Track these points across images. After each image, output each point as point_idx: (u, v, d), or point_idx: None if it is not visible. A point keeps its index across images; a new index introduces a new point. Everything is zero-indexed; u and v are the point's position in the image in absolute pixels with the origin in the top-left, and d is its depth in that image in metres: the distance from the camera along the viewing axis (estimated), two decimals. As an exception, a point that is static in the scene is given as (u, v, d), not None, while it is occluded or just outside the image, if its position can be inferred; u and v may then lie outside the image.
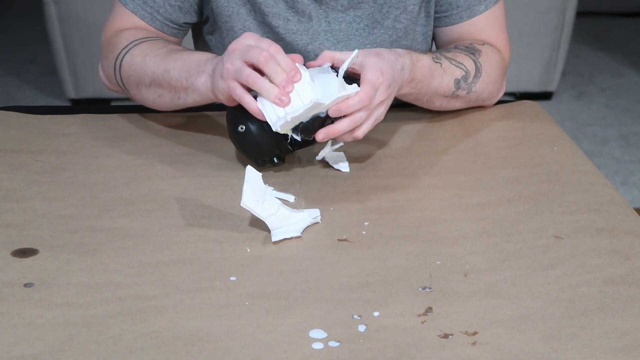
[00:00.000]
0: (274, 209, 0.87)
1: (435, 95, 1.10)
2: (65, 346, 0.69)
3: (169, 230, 0.88)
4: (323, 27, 1.15)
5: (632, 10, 4.39)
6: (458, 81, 1.11)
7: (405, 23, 1.17)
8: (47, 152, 1.06)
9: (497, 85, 1.19)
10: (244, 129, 0.96)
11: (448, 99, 1.13)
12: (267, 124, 0.93)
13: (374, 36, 1.17)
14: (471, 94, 1.14)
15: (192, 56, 1.03)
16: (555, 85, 3.17)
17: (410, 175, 1.01)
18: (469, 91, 1.13)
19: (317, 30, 1.15)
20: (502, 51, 1.21)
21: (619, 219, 0.91)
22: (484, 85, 1.15)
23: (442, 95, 1.12)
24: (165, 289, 0.78)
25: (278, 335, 0.71)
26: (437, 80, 1.08)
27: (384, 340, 0.70)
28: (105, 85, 1.21)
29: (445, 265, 0.82)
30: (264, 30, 1.16)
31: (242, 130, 0.96)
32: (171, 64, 1.04)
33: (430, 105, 1.14)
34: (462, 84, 1.12)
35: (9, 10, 4.43)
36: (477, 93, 1.15)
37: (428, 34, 1.24)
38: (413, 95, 1.08)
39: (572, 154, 1.08)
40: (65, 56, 2.89)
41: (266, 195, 0.88)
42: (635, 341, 0.71)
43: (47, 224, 0.89)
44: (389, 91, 0.96)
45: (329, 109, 0.91)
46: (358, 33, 1.17)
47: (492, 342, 0.70)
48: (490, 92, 1.18)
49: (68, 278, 0.79)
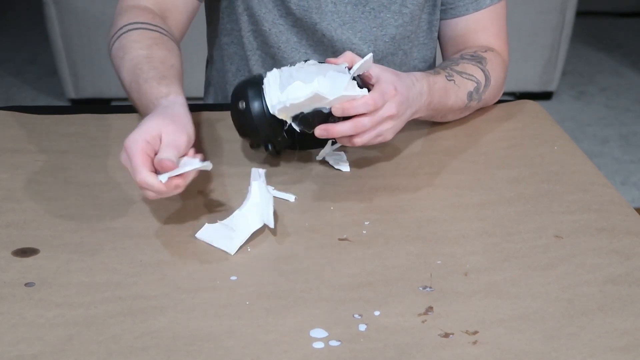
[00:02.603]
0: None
1: (450, 111, 1.11)
2: (65, 346, 0.69)
3: (170, 230, 0.88)
4: (330, 8, 1.16)
5: (632, 10, 4.39)
6: (471, 93, 1.12)
7: (412, 8, 1.18)
8: (47, 151, 1.06)
9: (501, 89, 1.21)
10: (244, 106, 0.95)
11: (461, 111, 1.14)
12: (267, 107, 0.94)
13: (380, 20, 1.18)
14: (480, 102, 1.16)
15: (146, 88, 0.95)
16: (555, 85, 3.17)
17: (410, 175, 1.01)
18: (479, 101, 1.14)
19: (324, 10, 1.16)
20: (502, 53, 1.22)
21: (618, 219, 0.91)
22: (491, 91, 1.17)
23: (457, 110, 1.12)
24: (165, 288, 0.78)
25: (278, 335, 0.71)
26: (452, 99, 1.08)
27: (385, 340, 0.70)
28: None
29: (445, 265, 0.82)
30: (276, 3, 1.16)
31: (242, 108, 0.96)
32: (135, 95, 0.98)
33: (444, 119, 1.15)
34: (475, 95, 1.12)
35: (9, 10, 4.43)
36: (485, 100, 1.17)
37: (433, 23, 1.24)
38: (429, 115, 1.08)
39: (572, 153, 1.08)
40: (65, 56, 2.89)
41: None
42: (635, 341, 0.71)
43: (47, 224, 0.89)
44: (399, 109, 0.95)
45: (333, 107, 0.91)
46: (364, 16, 1.17)
47: (493, 341, 0.70)
48: (495, 95, 1.20)
49: (68, 278, 0.79)
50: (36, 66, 3.57)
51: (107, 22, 1.19)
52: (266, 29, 1.18)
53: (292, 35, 1.18)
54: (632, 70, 3.65)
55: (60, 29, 2.84)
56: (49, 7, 2.79)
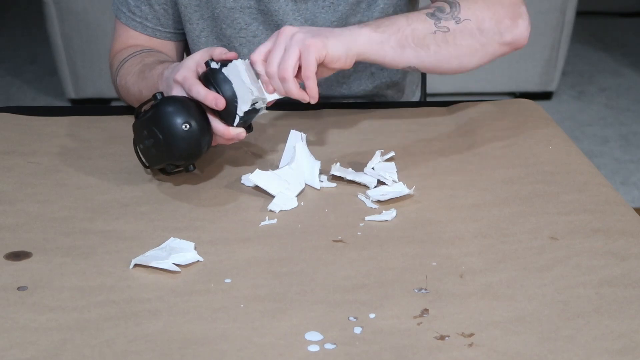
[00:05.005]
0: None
1: (419, 35, 0.99)
2: (59, 350, 0.69)
3: (163, 233, 0.87)
4: (290, 7, 1.16)
5: (632, 10, 4.39)
6: (432, 14, 1.01)
7: None
8: (39, 153, 1.05)
9: (500, 11, 1.05)
10: (188, 127, 0.91)
11: (445, 36, 1.01)
12: (207, 121, 0.93)
13: (339, 13, 1.17)
14: (467, 23, 1.01)
15: (152, 72, 1.07)
16: (555, 85, 3.17)
17: (405, 176, 1.00)
18: (457, 20, 1.01)
19: (285, 10, 1.16)
20: None
21: (614, 219, 0.91)
22: (475, 12, 1.02)
23: (429, 33, 1.00)
24: (159, 292, 0.77)
25: (274, 338, 0.71)
26: (402, 20, 0.99)
27: (380, 342, 0.70)
28: None
29: (441, 267, 0.82)
30: None
31: (186, 129, 0.91)
32: (143, 84, 1.09)
33: (432, 52, 1.01)
34: (441, 15, 1.01)
35: (9, 10, 4.43)
36: (474, 21, 1.02)
37: (399, 4, 1.21)
38: (390, 43, 0.98)
39: (567, 152, 1.07)
40: (65, 56, 2.90)
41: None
42: (631, 343, 0.70)
43: (40, 227, 0.88)
44: (293, 30, 0.93)
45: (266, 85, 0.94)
46: (324, 10, 1.17)
47: (488, 343, 0.70)
48: (497, 20, 1.04)
49: (61, 281, 0.78)
50: (36, 66, 3.57)
51: (107, 22, 1.25)
52: None
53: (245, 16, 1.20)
54: (632, 70, 3.65)
55: (60, 29, 2.84)
56: (49, 7, 2.80)
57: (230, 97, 0.91)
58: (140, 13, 1.20)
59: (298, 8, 1.16)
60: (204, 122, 0.92)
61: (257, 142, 1.10)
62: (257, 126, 1.13)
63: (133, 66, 1.14)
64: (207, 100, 0.91)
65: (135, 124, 0.94)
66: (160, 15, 1.21)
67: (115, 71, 1.20)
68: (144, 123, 0.93)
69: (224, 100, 0.91)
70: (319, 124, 1.15)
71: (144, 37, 1.22)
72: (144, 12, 1.20)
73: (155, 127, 0.91)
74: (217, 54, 0.95)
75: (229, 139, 0.95)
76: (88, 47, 2.87)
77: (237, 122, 0.93)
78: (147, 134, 0.92)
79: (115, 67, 1.21)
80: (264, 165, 1.02)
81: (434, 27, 1.00)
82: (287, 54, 0.91)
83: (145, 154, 0.94)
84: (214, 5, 1.17)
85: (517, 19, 1.07)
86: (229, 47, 1.21)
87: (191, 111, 0.91)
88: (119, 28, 1.24)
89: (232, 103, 0.92)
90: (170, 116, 0.90)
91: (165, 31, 1.23)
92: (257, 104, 0.93)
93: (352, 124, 1.16)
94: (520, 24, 1.07)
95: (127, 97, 1.17)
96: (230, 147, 1.07)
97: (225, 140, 0.95)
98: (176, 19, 1.23)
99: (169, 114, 0.90)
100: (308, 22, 1.17)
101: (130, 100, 1.16)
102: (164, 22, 1.22)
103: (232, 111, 0.92)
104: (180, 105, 0.91)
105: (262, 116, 1.06)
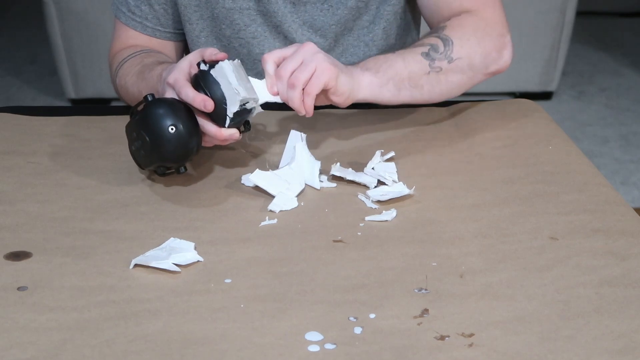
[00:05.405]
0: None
1: (414, 77, 1.04)
2: (59, 350, 0.69)
3: (163, 233, 0.87)
4: (289, 9, 1.17)
5: (632, 10, 4.39)
6: (427, 54, 1.04)
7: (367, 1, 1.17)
8: (39, 153, 1.05)
9: (489, 45, 1.09)
10: (174, 129, 0.91)
11: (437, 76, 1.05)
12: (196, 124, 0.93)
13: (338, 17, 1.18)
14: (458, 62, 1.06)
15: (152, 73, 1.08)
16: (555, 85, 3.17)
17: (405, 176, 1.00)
18: (450, 60, 1.05)
19: (284, 12, 1.17)
20: (478, 10, 1.12)
21: (614, 219, 0.91)
22: (467, 50, 1.07)
23: (424, 74, 1.04)
24: (159, 291, 0.77)
25: (274, 338, 0.71)
26: (399, 63, 1.03)
27: (380, 343, 0.70)
28: None
29: (441, 267, 0.82)
30: None
31: (172, 131, 0.90)
32: (142, 85, 1.10)
33: (425, 91, 1.06)
34: (435, 55, 1.05)
35: (9, 10, 4.43)
36: (465, 59, 1.07)
37: (398, 12, 1.22)
38: (388, 86, 1.02)
39: (566, 152, 1.07)
40: (65, 56, 2.89)
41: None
42: (631, 343, 0.70)
43: (40, 227, 0.88)
44: (316, 49, 0.95)
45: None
46: (322, 13, 1.17)
47: (489, 343, 0.70)
48: (486, 54, 1.09)
49: (61, 281, 0.78)
50: (36, 66, 3.57)
51: (107, 22, 1.25)
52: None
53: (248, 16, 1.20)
54: (632, 70, 3.64)
55: (60, 29, 2.84)
56: (49, 7, 2.80)
57: (219, 99, 0.91)
58: (140, 13, 1.21)
59: (296, 10, 1.16)
60: (191, 124, 0.92)
61: (257, 142, 1.10)
62: (257, 126, 1.13)
63: (132, 67, 1.14)
64: (195, 103, 0.91)
65: (127, 125, 0.95)
66: (160, 15, 1.21)
67: (115, 71, 1.21)
68: (132, 125, 0.93)
69: (212, 102, 0.91)
70: (319, 124, 1.15)
71: (143, 37, 1.23)
72: (144, 12, 1.21)
73: (142, 129, 0.91)
74: (208, 55, 0.95)
75: (222, 140, 0.95)
76: (88, 47, 2.87)
77: (229, 123, 0.93)
78: (136, 136, 0.92)
79: (114, 67, 1.21)
80: (264, 165, 1.02)
81: (428, 67, 1.05)
82: (305, 66, 0.93)
83: (136, 155, 0.94)
84: (213, 5, 1.17)
85: (503, 50, 1.12)
86: (229, 47, 1.21)
87: (179, 114, 0.91)
88: (118, 28, 1.25)
89: (221, 104, 0.91)
90: (157, 119, 0.90)
91: (165, 31, 1.23)
92: (247, 104, 0.93)
93: (352, 124, 1.16)
94: (504, 55, 1.12)
95: (126, 97, 1.17)
96: (229, 147, 1.07)
97: (219, 142, 0.96)
98: (176, 19, 1.23)
99: (156, 116, 0.91)
100: (306, 24, 1.17)
101: (129, 100, 1.16)
102: (163, 22, 1.22)
103: (222, 113, 0.92)
104: (168, 107, 0.91)
105: (262, 116, 1.06)
